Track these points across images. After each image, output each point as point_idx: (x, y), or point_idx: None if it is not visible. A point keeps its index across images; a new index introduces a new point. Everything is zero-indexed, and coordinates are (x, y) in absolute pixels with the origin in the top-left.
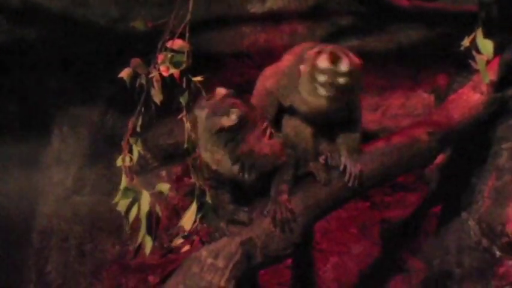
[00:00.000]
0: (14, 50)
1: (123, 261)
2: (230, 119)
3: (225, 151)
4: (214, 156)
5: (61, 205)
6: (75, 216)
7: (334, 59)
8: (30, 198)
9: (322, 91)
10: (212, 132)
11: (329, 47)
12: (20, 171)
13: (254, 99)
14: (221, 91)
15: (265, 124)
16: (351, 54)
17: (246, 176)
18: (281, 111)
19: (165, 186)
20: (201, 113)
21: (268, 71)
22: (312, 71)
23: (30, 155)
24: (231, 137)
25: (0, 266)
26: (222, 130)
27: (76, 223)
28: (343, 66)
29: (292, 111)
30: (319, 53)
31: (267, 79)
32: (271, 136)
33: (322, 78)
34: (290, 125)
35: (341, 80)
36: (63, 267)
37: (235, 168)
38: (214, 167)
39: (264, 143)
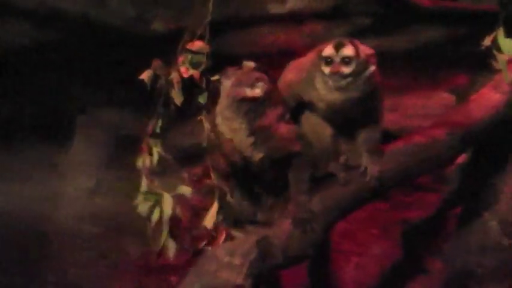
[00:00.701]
0: (34, 53)
1: (144, 262)
2: (254, 91)
3: (243, 120)
4: (231, 125)
5: (81, 207)
6: (96, 218)
7: (338, 47)
8: (51, 200)
9: (331, 83)
10: (234, 100)
11: (338, 38)
12: (40, 173)
13: None
14: (249, 64)
15: (284, 109)
16: (362, 45)
17: (256, 151)
18: (302, 107)
19: (186, 189)
20: (227, 82)
21: (292, 65)
22: (319, 62)
23: (50, 158)
24: (252, 108)
25: (22, 268)
26: (244, 100)
27: (96, 224)
28: (346, 50)
29: (311, 107)
30: (326, 45)
31: (290, 72)
32: (288, 122)
33: (327, 69)
34: (310, 123)
35: (345, 68)
36: (84, 269)
37: (249, 140)
38: (229, 136)
39: (281, 125)
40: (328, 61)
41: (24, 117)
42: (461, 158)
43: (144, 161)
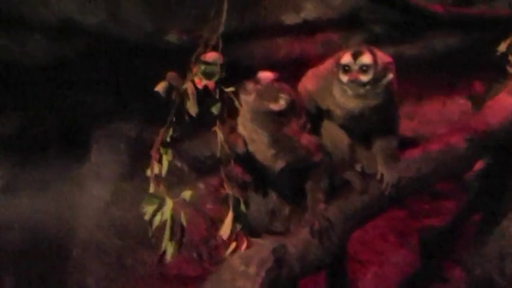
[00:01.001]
0: (52, 67)
1: (163, 272)
2: (279, 104)
3: (266, 132)
4: (254, 137)
5: (100, 218)
6: (115, 229)
7: (356, 55)
8: (70, 212)
9: (349, 91)
10: (259, 115)
11: (356, 46)
12: (59, 185)
13: None
14: (266, 75)
15: (305, 119)
16: (381, 53)
17: (278, 162)
18: (320, 117)
19: (188, 194)
20: (248, 97)
21: (310, 72)
22: (337, 70)
23: (69, 170)
24: (276, 120)
25: (40, 279)
26: (269, 114)
27: (115, 236)
28: (364, 58)
29: (329, 116)
30: (344, 53)
31: (308, 80)
32: (309, 132)
33: (345, 77)
34: (327, 132)
35: (363, 76)
36: (104, 280)
37: (271, 151)
38: (250, 148)
39: (303, 135)
40: (346, 69)
41: (42, 130)
42: (479, 165)
43: (152, 169)
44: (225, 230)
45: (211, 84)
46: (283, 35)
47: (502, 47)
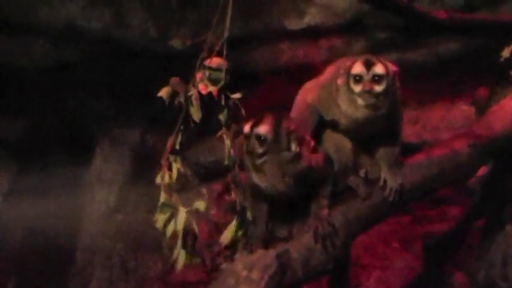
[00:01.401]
0: (56, 71)
1: (166, 278)
2: (294, 148)
3: (285, 172)
4: (270, 180)
5: (104, 223)
6: (118, 234)
7: (369, 65)
8: (74, 217)
9: (360, 101)
10: (276, 165)
11: (364, 56)
12: (63, 190)
13: (294, 112)
14: (266, 129)
15: (307, 138)
16: (386, 62)
17: (296, 189)
18: (321, 126)
19: (201, 204)
20: (264, 162)
21: (309, 84)
22: (348, 81)
23: (73, 175)
24: (293, 159)
25: (45, 284)
26: (291, 161)
27: (119, 241)
28: (378, 69)
29: (333, 125)
30: (353, 62)
31: (308, 92)
32: (314, 149)
33: (358, 88)
34: (331, 139)
35: (377, 86)
36: (107, 285)
37: (291, 185)
38: (264, 186)
39: (312, 157)
40: (357, 79)
41: (45, 134)
42: (483, 170)
43: (163, 177)
44: (227, 237)
45: (215, 90)
46: (287, 40)
47: (506, 53)
